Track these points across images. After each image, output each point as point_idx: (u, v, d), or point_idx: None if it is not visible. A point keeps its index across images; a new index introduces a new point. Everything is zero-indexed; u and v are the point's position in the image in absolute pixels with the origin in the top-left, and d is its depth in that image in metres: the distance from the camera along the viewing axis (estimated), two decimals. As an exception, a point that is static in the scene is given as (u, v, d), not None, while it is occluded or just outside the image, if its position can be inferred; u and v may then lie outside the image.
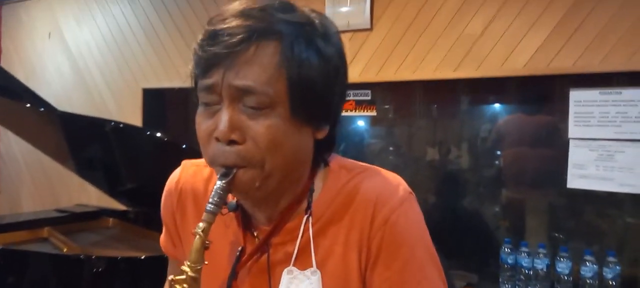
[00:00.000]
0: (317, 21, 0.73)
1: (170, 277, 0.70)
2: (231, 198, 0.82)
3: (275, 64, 0.67)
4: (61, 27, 4.08)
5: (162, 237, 0.95)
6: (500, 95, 2.47)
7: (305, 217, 0.76)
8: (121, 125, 2.42)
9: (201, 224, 0.69)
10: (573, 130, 2.24)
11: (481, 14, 2.42)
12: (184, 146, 2.22)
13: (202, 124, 0.72)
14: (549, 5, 2.26)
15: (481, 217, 2.54)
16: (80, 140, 2.55)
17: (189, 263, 0.69)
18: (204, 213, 0.69)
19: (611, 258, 2.11)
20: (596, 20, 2.15)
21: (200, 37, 0.72)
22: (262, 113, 0.67)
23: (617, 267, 2.09)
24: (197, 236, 0.69)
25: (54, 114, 2.44)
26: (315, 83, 0.70)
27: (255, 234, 0.80)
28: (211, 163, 0.72)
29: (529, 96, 2.41)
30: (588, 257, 2.14)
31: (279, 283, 0.76)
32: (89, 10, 3.89)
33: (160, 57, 3.52)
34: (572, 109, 2.23)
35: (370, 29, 2.66)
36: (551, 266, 2.24)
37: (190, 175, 0.89)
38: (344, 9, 2.75)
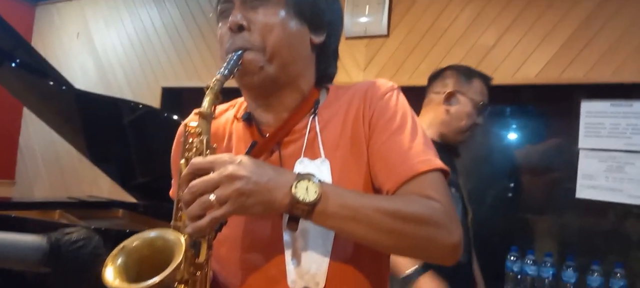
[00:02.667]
0: None
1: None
2: (244, 110, 0.91)
3: None
4: (89, 28, 4.24)
5: (172, 187, 0.97)
6: (512, 103, 2.50)
7: (311, 117, 0.85)
8: (140, 105, 2.49)
9: (213, 81, 0.77)
10: (583, 141, 2.25)
11: (495, 26, 2.47)
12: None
13: (222, 30, 0.85)
14: (562, 19, 2.31)
15: (488, 224, 2.53)
16: (96, 120, 2.63)
17: (201, 109, 0.75)
18: (216, 76, 0.77)
19: (618, 270, 2.08)
20: (609, 33, 2.19)
21: None
22: (263, 4, 0.81)
23: (624, 280, 2.06)
24: (209, 90, 0.76)
25: (72, 93, 2.52)
26: None
27: (267, 135, 0.86)
28: (226, 54, 0.82)
29: (541, 105, 2.44)
30: (595, 268, 2.12)
31: None
32: (118, 12, 4.05)
33: (181, 57, 3.63)
34: (583, 119, 2.25)
35: (387, 36, 2.73)
36: (557, 275, 2.21)
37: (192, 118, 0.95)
38: (362, 19, 2.84)
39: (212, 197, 0.66)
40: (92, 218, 3.10)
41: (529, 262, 2.28)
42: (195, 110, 0.76)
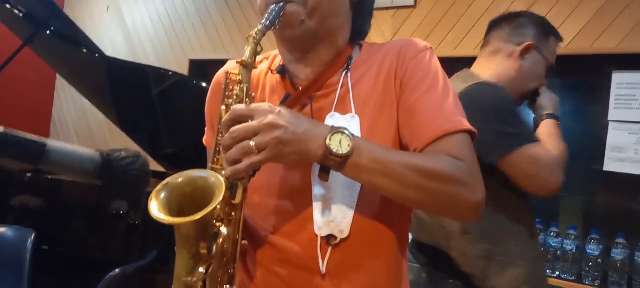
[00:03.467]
0: None
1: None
2: (278, 63, 0.92)
3: None
4: (119, 1, 4.32)
5: (206, 134, 1.00)
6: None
7: (344, 72, 0.86)
8: (170, 73, 2.54)
9: (254, 32, 0.78)
10: (613, 113, 2.21)
11: (525, -4, 2.43)
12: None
13: None
14: (594, -12, 2.25)
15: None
16: (127, 88, 2.70)
17: (242, 59, 0.78)
18: (258, 26, 0.78)
19: (645, 243, 2.06)
20: (643, 2, 2.13)
21: None
22: None
23: (651, 252, 2.04)
24: (251, 39, 0.78)
25: (104, 60, 2.59)
26: None
27: (300, 89, 0.88)
28: (267, 5, 0.82)
29: (571, 77, 2.39)
30: (620, 241, 2.10)
31: None
32: (147, -15, 4.11)
33: (208, 30, 3.68)
34: (614, 91, 2.21)
35: (414, 6, 2.71)
36: (581, 248, 2.20)
37: (230, 70, 0.96)
38: (389, -10, 2.82)
39: (251, 143, 0.69)
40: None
41: (552, 234, 2.27)
42: (237, 60, 0.79)
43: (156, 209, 0.71)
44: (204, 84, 2.41)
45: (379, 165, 0.73)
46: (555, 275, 2.23)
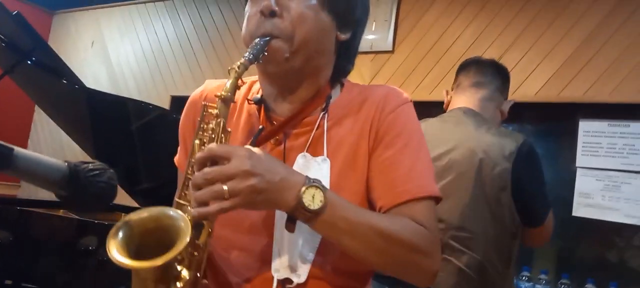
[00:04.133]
0: None
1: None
2: (256, 93, 0.91)
3: None
4: (104, 37, 4.37)
5: (178, 154, 0.99)
6: (512, 121, 2.54)
7: (322, 113, 0.85)
8: (150, 106, 2.55)
9: (237, 64, 0.76)
10: (581, 160, 2.29)
11: (497, 44, 2.54)
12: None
13: (251, 11, 0.83)
14: (562, 39, 2.37)
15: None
16: (106, 121, 2.69)
17: (222, 92, 0.76)
18: (241, 60, 0.76)
19: (613, 288, 2.09)
20: (607, 54, 2.25)
21: None
22: None
23: (619, 298, 2.07)
24: (233, 71, 0.76)
25: (84, 92, 2.59)
26: None
27: (275, 123, 0.86)
28: (251, 37, 0.81)
29: (540, 124, 2.48)
30: (589, 286, 2.13)
31: (293, 166, 0.82)
32: (133, 23, 4.17)
33: (191, 67, 3.73)
34: (581, 138, 2.29)
35: (392, 52, 2.80)
36: (552, 292, 2.22)
37: (214, 88, 0.93)
38: (369, 36, 2.92)
39: (224, 187, 0.67)
40: (95, 218, 3.16)
41: (524, 278, 2.29)
42: (216, 93, 0.77)
43: (115, 250, 0.67)
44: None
45: (348, 224, 0.73)
46: (527, 319, 2.23)
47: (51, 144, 4.43)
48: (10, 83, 2.71)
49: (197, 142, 0.76)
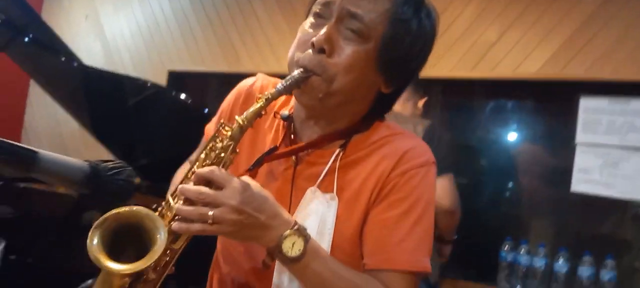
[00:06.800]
0: None
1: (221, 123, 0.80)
2: (286, 110, 0.91)
3: (385, 9, 0.79)
4: (98, 11, 4.29)
5: (211, 123, 1.01)
6: (513, 98, 2.56)
7: (339, 149, 0.85)
8: (148, 84, 2.53)
9: (267, 93, 0.77)
10: (580, 136, 2.31)
11: (498, 22, 2.53)
12: (205, 110, 2.32)
13: (305, 31, 0.83)
14: (563, 17, 2.37)
15: (485, 215, 2.59)
16: (103, 97, 2.67)
17: (242, 117, 0.77)
18: (273, 90, 0.77)
19: (609, 261, 2.14)
20: (609, 32, 2.25)
21: None
22: (355, 40, 0.79)
23: (613, 271, 2.12)
24: (261, 100, 0.77)
25: (81, 69, 2.57)
26: (405, 42, 0.81)
27: (290, 144, 0.88)
28: (295, 63, 0.81)
29: (541, 101, 2.50)
30: (586, 259, 2.18)
31: (298, 196, 0.84)
32: (127, -3, 4.10)
33: (187, 42, 3.68)
34: (581, 115, 2.31)
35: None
36: (549, 265, 2.27)
37: (265, 86, 0.94)
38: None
39: (210, 212, 0.70)
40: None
41: (522, 252, 2.34)
42: (237, 116, 0.77)
43: (94, 247, 0.71)
44: (182, 96, 2.41)
45: (318, 279, 0.76)
46: (524, 292, 2.29)
47: (47, 119, 4.39)
48: (4, 58, 2.68)
49: (202, 156, 0.78)
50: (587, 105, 2.30)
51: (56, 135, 4.35)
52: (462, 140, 2.71)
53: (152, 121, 2.71)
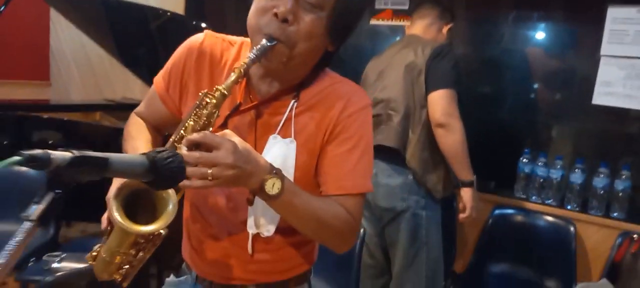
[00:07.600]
0: None
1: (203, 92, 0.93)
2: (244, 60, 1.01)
3: None
4: None
5: (160, 76, 1.11)
6: (539, 8, 2.48)
7: (293, 101, 1.01)
8: (168, 13, 2.55)
9: (242, 63, 0.90)
10: (606, 48, 2.27)
11: None
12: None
13: (265, 4, 0.93)
14: None
15: (506, 127, 2.64)
16: (124, 26, 2.71)
17: (222, 86, 0.90)
18: (246, 59, 0.90)
19: (624, 172, 2.20)
20: None
21: None
22: (313, 11, 0.92)
23: (629, 181, 2.19)
24: (237, 70, 0.90)
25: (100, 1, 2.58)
26: (351, 11, 0.97)
27: (251, 99, 1.02)
28: (259, 30, 0.93)
29: (567, 11, 2.42)
30: (602, 170, 2.24)
31: (262, 143, 1.00)
32: None
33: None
34: (608, 25, 2.25)
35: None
36: (565, 177, 2.35)
37: (213, 43, 1.06)
38: None
39: (209, 171, 0.83)
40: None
41: (540, 163, 2.41)
42: (217, 86, 0.91)
43: (116, 210, 0.89)
44: (203, 24, 2.43)
45: (294, 209, 0.94)
46: (539, 201, 2.40)
47: (72, 43, 4.46)
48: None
49: (191, 123, 0.92)
50: (615, 15, 2.22)
51: (83, 58, 4.44)
52: (485, 53, 2.69)
53: (175, 45, 2.76)
